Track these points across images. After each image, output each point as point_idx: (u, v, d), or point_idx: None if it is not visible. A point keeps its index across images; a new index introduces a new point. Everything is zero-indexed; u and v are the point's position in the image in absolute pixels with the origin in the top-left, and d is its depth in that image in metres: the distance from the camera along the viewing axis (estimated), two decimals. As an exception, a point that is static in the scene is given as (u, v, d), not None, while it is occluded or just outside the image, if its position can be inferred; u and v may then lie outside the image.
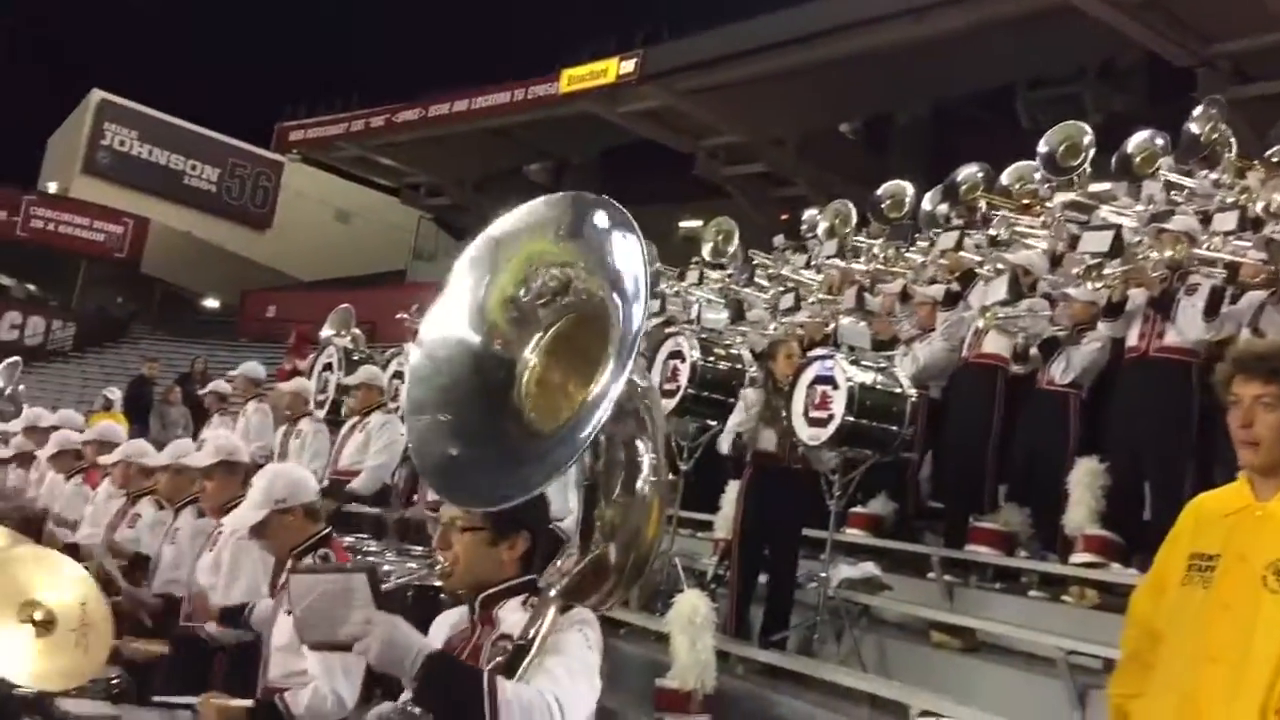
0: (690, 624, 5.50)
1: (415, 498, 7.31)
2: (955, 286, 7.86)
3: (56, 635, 3.96)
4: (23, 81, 39.63)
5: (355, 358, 10.46)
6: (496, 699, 2.13)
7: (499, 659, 2.39)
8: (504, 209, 2.57)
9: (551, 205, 2.49)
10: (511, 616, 2.43)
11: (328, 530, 3.92)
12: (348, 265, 34.34)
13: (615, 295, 2.28)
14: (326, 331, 11.85)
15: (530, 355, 2.44)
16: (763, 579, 6.52)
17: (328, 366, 10.25)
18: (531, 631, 2.35)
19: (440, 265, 29.91)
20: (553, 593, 2.41)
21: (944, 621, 6.14)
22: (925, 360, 7.39)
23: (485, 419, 2.41)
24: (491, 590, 2.44)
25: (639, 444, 2.62)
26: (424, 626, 3.82)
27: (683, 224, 26.00)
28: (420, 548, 5.24)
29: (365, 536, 6.08)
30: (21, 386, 14.85)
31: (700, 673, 5.39)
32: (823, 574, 6.30)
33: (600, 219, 2.37)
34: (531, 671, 2.28)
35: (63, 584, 4.21)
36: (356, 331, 12.22)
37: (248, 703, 3.66)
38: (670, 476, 2.77)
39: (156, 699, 4.01)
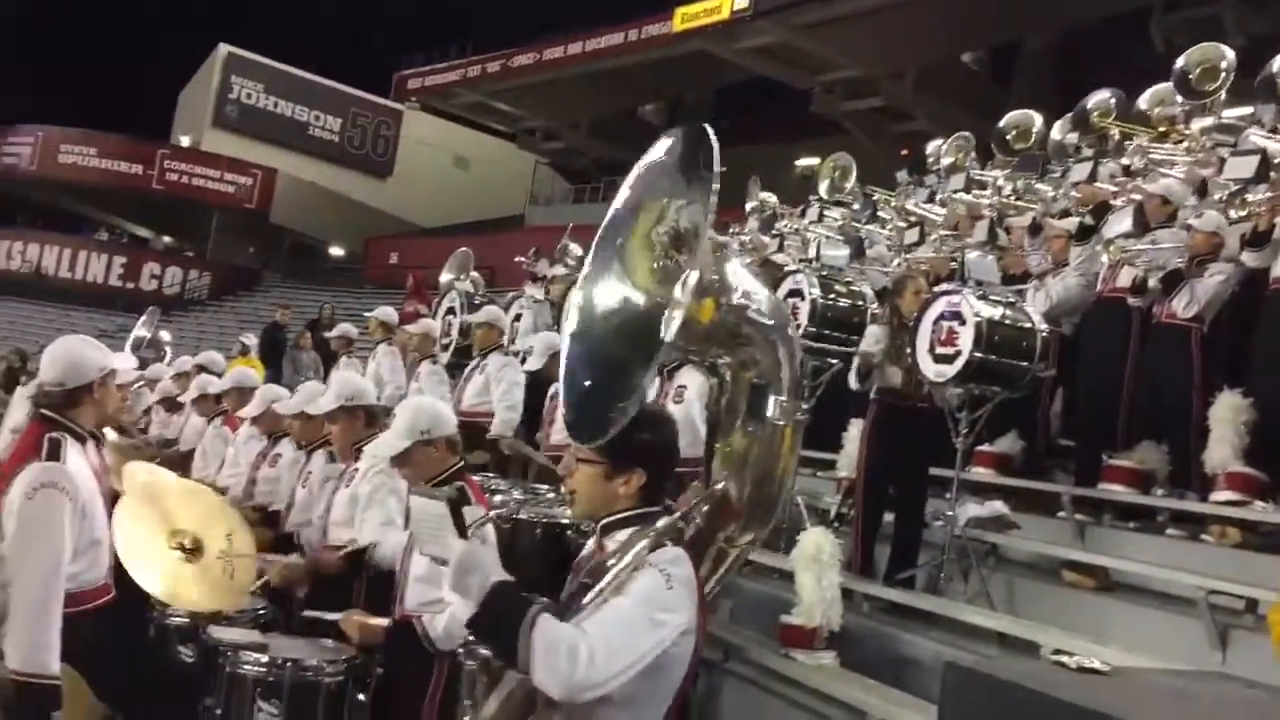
0: (815, 561, 5.47)
1: (537, 437, 7.41)
2: (1089, 219, 7.57)
3: (204, 562, 4.17)
4: (154, 39, 40.98)
5: (477, 301, 10.64)
6: (532, 634, 2.19)
7: (572, 589, 2.50)
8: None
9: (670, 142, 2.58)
10: (616, 546, 2.48)
11: (462, 464, 4.02)
12: (466, 211, 34.85)
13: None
14: (445, 275, 12.04)
15: (676, 295, 2.45)
16: (888, 518, 6.46)
17: (450, 310, 10.44)
18: (610, 563, 2.39)
19: (557, 210, 30.11)
20: (659, 524, 2.45)
21: (1077, 560, 6.00)
22: (1058, 296, 7.17)
23: (625, 355, 2.48)
24: (607, 520, 2.52)
25: (770, 374, 2.60)
26: (551, 560, 3.92)
27: (799, 162, 25.65)
28: (546, 486, 5.33)
29: (492, 475, 6.22)
30: (164, 333, 15.49)
31: (826, 609, 5.37)
32: (949, 513, 6.20)
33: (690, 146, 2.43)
34: (593, 607, 2.33)
35: (209, 516, 4.42)
36: (475, 275, 12.39)
37: (385, 621, 3.80)
38: (803, 412, 2.72)
39: (305, 612, 4.18)
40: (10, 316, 29.84)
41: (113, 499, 4.04)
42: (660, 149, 2.60)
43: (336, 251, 37.64)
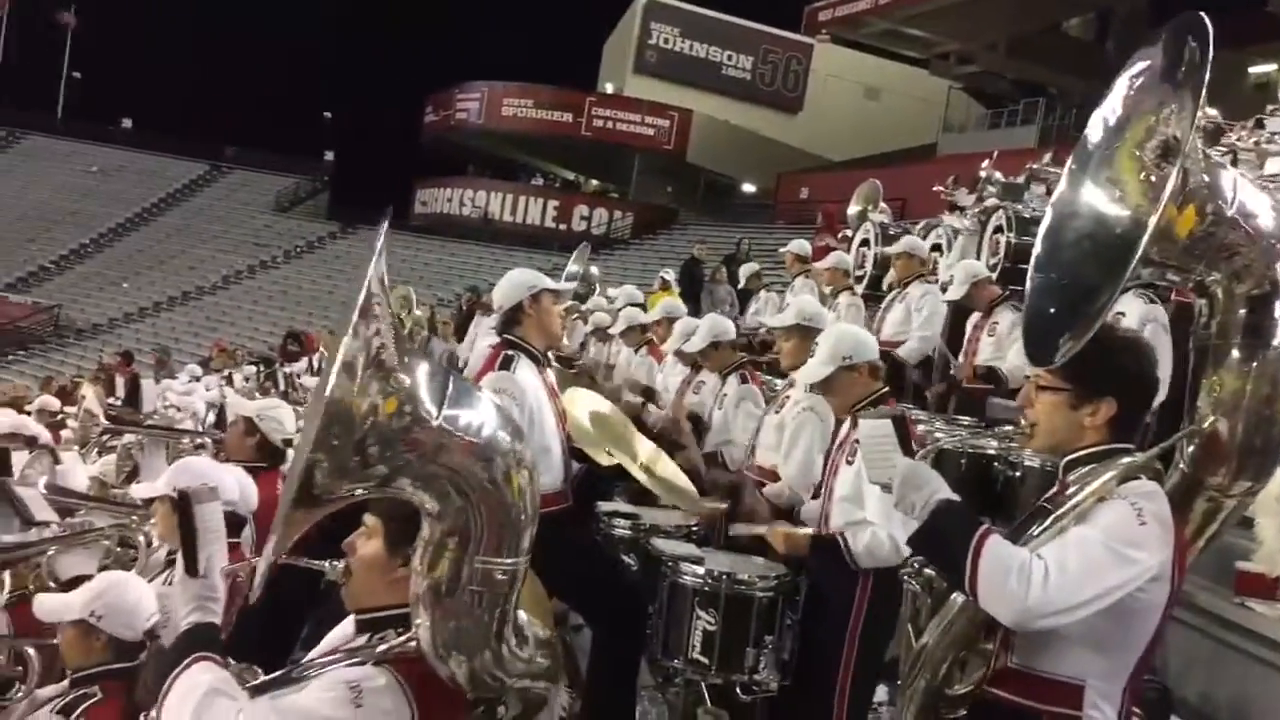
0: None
1: (951, 370, 7.26)
2: None
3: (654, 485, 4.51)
4: (581, -7, 43.41)
5: (891, 232, 10.49)
6: (980, 553, 2.09)
7: (1020, 519, 2.36)
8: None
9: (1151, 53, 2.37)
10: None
11: (886, 389, 4.05)
12: (877, 142, 34.27)
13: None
14: (854, 208, 11.96)
15: (1152, 216, 2.25)
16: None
17: (864, 242, 10.38)
18: (1070, 491, 2.25)
19: (972, 137, 28.89)
20: (1123, 461, 2.27)
21: None
22: None
23: (1096, 277, 2.29)
24: (1071, 455, 2.35)
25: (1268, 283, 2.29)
26: (976, 492, 3.85)
27: (1253, 69, 22.91)
28: (968, 418, 5.21)
29: (910, 406, 6.18)
30: (594, 268, 16.61)
31: (1290, 556, 4.88)
32: None
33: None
34: (1049, 534, 2.19)
35: (648, 445, 4.78)
36: (885, 206, 12.20)
37: (809, 530, 3.93)
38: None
39: (732, 528, 4.40)
40: (464, 258, 33.24)
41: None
42: (1146, 56, 2.38)
43: (748, 188, 38.42)
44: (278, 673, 2.15)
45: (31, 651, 3.24)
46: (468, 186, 37.96)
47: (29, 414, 8.37)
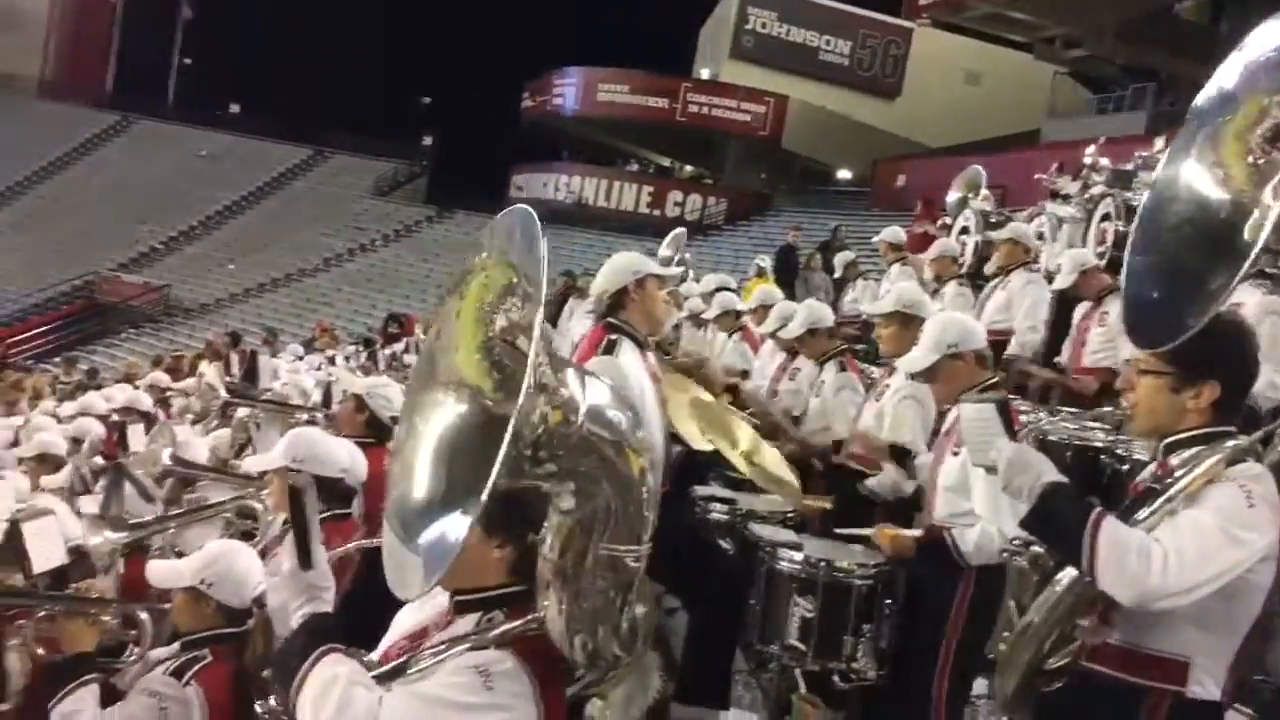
0: None
1: (1057, 361, 7.12)
2: None
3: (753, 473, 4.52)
4: (676, -22, 43.29)
5: (993, 220, 10.31)
6: (1096, 534, 2.08)
7: (1125, 504, 2.35)
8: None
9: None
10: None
11: (995, 379, 3.99)
12: (978, 128, 33.63)
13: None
14: (953, 194, 11.74)
15: (1266, 198, 2.22)
16: None
17: (964, 229, 10.22)
18: (1178, 474, 2.23)
19: (1077, 123, 28.15)
20: (1229, 444, 2.25)
21: None
22: None
23: (1199, 262, 2.29)
24: (1172, 438, 2.33)
25: None
26: (1082, 484, 3.78)
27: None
28: (1074, 409, 5.11)
29: (1015, 397, 6.08)
30: (687, 254, 16.61)
31: None
32: None
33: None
34: (1158, 516, 2.19)
35: (748, 432, 4.80)
36: (987, 193, 11.96)
37: (916, 532, 3.89)
38: None
39: (837, 530, 4.39)
40: (557, 243, 33.44)
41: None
42: (1265, 37, 2.34)
43: (843, 174, 38.04)
44: (393, 663, 2.16)
45: (144, 615, 3.33)
46: (563, 172, 38.20)
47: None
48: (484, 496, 1.75)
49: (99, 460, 6.38)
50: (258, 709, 2.26)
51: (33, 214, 38.20)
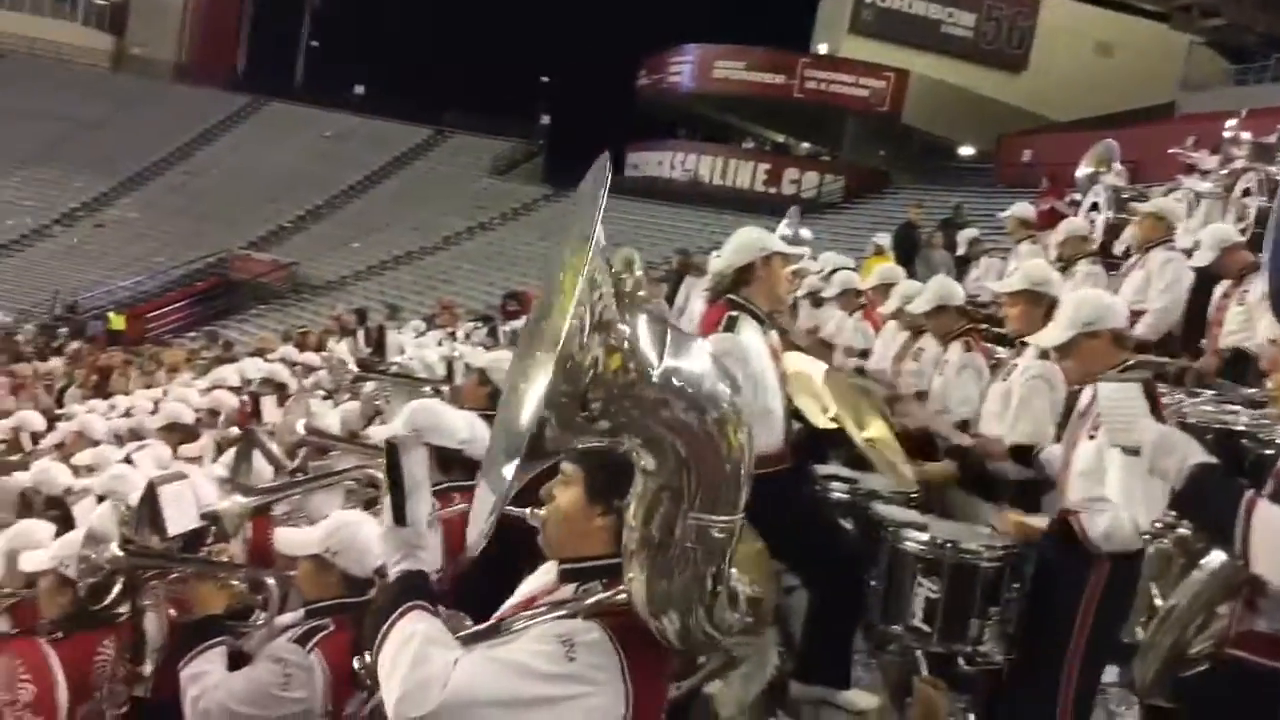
0: None
1: (1202, 343, 6.86)
2: None
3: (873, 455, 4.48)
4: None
5: (1125, 195, 9.95)
6: (1251, 516, 2.04)
7: None
8: None
9: None
10: None
11: (1133, 361, 3.86)
12: (1108, 101, 32.43)
13: None
14: (1084, 169, 11.33)
15: None
16: None
17: (1094, 206, 9.89)
18: None
19: (1215, 94, 26.98)
20: None
21: None
22: None
23: None
24: None
25: None
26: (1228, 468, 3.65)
27: None
28: (1211, 391, 4.93)
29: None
30: (805, 231, 16.45)
31: None
32: None
33: None
34: None
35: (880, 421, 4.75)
36: (1119, 167, 11.51)
37: (1044, 520, 3.80)
38: None
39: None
40: (674, 221, 33.47)
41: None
42: None
43: (965, 150, 37.13)
44: (484, 624, 2.15)
45: (271, 581, 3.38)
46: (678, 149, 38.15)
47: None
48: (524, 436, 1.73)
49: (234, 430, 6.63)
50: (354, 665, 2.24)
51: (169, 194, 39.74)
